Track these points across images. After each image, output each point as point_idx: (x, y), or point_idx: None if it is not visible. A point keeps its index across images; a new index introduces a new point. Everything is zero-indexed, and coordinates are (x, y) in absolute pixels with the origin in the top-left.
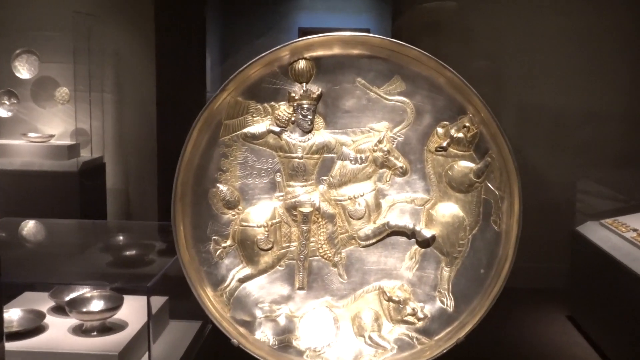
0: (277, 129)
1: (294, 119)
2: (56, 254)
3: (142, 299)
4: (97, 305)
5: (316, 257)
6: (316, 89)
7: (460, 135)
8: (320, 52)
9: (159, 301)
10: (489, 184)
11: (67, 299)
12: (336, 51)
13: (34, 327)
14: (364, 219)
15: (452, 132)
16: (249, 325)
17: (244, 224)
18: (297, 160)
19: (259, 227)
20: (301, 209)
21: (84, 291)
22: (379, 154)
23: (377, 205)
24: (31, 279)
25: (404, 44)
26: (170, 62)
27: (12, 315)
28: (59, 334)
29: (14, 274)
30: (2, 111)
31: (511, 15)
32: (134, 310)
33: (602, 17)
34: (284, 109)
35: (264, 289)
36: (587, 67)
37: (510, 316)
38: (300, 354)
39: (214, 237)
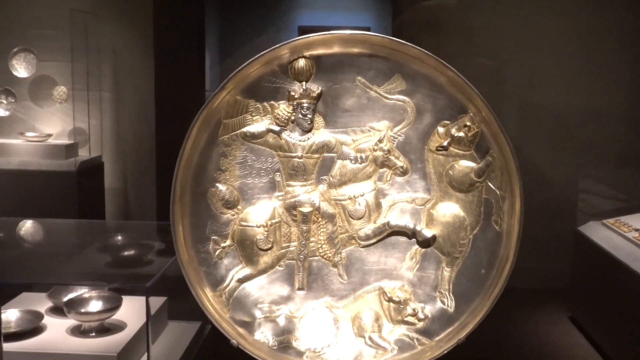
0: (276, 128)
1: (293, 118)
2: (54, 254)
3: (141, 299)
4: (95, 305)
5: (316, 257)
6: (316, 88)
7: (461, 134)
8: (320, 51)
9: (157, 302)
10: (490, 184)
11: (65, 299)
12: (336, 50)
13: (32, 327)
14: (364, 218)
15: (453, 131)
16: (249, 325)
17: (244, 223)
18: (296, 159)
19: (258, 227)
20: (301, 209)
21: (82, 292)
22: (379, 154)
23: (378, 205)
24: (29, 279)
25: (404, 42)
26: (169, 61)
27: (9, 315)
28: (57, 334)
29: (11, 275)
30: None
31: (512, 14)
32: (132, 310)
33: (603, 16)
34: (283, 108)
35: (263, 289)
36: (589, 67)
37: (511, 317)
38: (300, 354)
39: (213, 237)
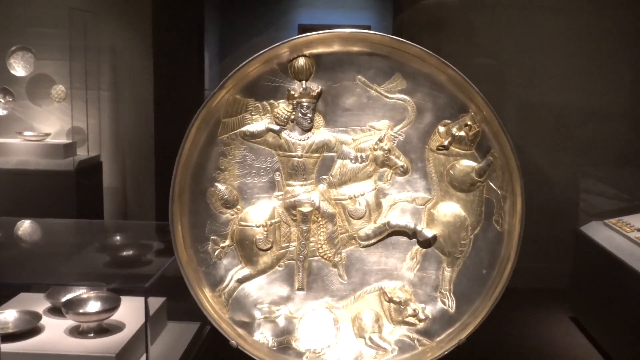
0: (276, 128)
1: (293, 117)
2: (52, 254)
3: (140, 299)
4: (94, 306)
5: (316, 257)
6: (316, 87)
7: (462, 133)
8: (320, 50)
9: (156, 302)
10: (491, 183)
11: (64, 300)
12: (336, 48)
13: (30, 328)
14: (364, 218)
15: (454, 130)
16: (248, 326)
17: (243, 223)
18: (296, 159)
19: (258, 226)
20: (301, 209)
21: (80, 292)
22: (379, 153)
23: (378, 204)
24: (27, 279)
25: (404, 41)
26: (168, 59)
27: (7, 316)
28: (55, 335)
29: (9, 275)
30: None
31: (513, 13)
32: (131, 311)
33: (604, 16)
34: (283, 107)
35: (263, 290)
36: (589, 66)
37: (512, 317)
38: (299, 355)
39: (213, 237)
